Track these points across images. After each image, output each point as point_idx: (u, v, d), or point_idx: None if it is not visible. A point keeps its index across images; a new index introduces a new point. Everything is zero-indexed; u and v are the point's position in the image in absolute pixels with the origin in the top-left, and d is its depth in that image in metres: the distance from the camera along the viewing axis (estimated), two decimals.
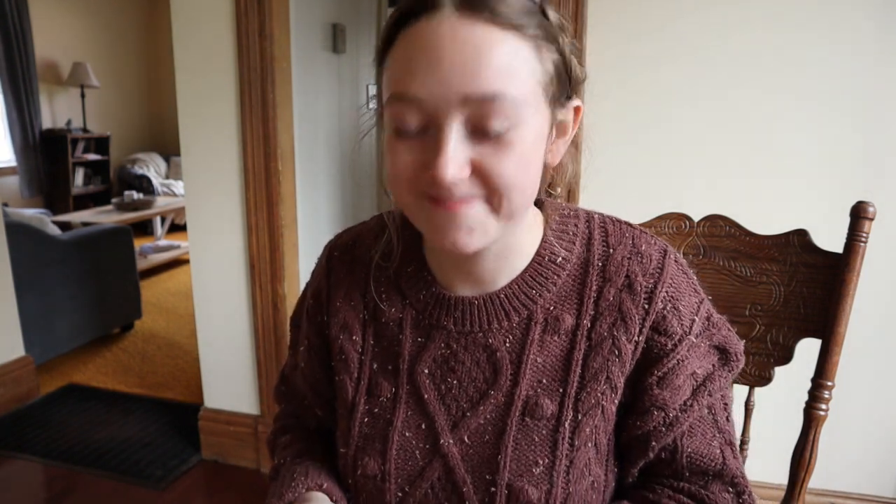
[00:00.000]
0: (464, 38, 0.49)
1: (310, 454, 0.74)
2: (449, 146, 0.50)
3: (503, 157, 0.51)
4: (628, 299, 0.61)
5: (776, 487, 1.62)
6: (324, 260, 0.73)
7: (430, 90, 0.49)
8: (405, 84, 0.51)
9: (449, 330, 0.64)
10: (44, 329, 2.68)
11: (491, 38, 0.49)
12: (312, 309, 0.72)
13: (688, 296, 0.62)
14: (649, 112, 1.52)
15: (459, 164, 0.50)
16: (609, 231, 0.65)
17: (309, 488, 0.66)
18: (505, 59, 0.49)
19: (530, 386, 0.61)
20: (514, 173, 0.52)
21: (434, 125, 0.51)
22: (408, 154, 0.53)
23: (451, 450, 0.62)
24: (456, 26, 0.49)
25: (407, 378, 0.65)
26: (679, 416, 0.60)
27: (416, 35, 0.50)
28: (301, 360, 0.74)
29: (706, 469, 0.62)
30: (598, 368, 0.60)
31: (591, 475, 0.61)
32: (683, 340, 0.60)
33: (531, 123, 0.52)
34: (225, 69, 1.77)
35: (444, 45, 0.49)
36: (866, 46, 1.39)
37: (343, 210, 2.64)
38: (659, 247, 0.64)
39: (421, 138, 0.52)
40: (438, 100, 0.50)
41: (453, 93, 0.49)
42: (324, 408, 0.75)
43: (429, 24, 0.50)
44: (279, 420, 0.83)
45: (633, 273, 0.61)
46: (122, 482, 1.95)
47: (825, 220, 1.23)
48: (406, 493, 0.63)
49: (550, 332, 0.62)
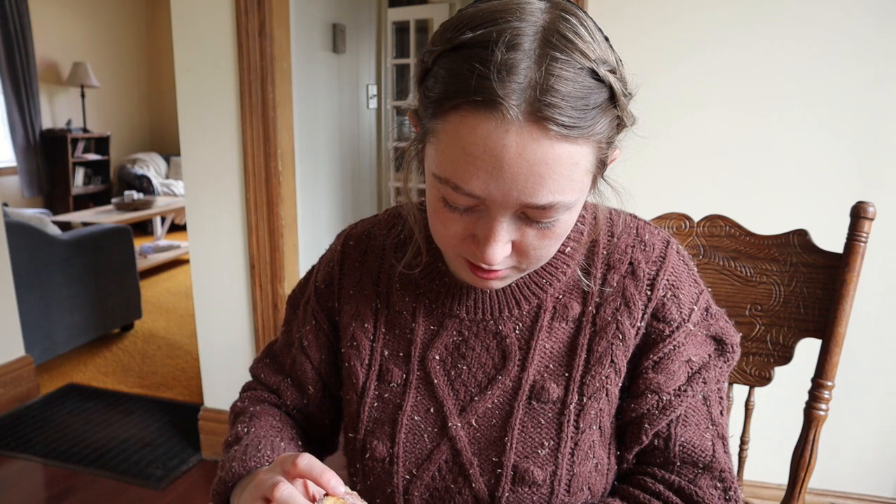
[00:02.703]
0: (531, 154, 0.46)
1: (280, 431, 0.70)
2: (498, 234, 0.51)
3: (546, 241, 0.53)
4: (631, 285, 0.63)
5: (776, 487, 1.62)
6: (338, 247, 0.74)
7: (487, 193, 0.48)
8: (462, 179, 0.49)
9: (461, 318, 0.65)
10: (44, 329, 2.68)
11: (560, 153, 0.46)
12: (324, 294, 0.73)
13: (688, 285, 0.64)
14: (649, 112, 1.52)
15: (504, 246, 0.52)
16: (614, 221, 0.66)
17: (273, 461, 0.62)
18: (566, 173, 0.48)
19: (537, 371, 0.63)
20: (549, 249, 0.54)
21: (485, 212, 0.51)
22: (456, 224, 0.53)
23: (459, 433, 0.63)
24: (523, 140, 0.45)
25: (418, 364, 0.66)
26: (673, 400, 0.62)
27: (476, 132, 0.46)
28: (305, 339, 0.73)
29: (696, 461, 0.63)
30: (603, 352, 0.62)
31: (595, 457, 0.62)
32: (681, 327, 0.62)
33: (577, 205, 0.52)
34: (225, 69, 1.77)
35: (508, 156, 0.46)
36: (867, 47, 1.39)
37: (343, 210, 2.64)
38: (662, 237, 0.66)
39: (470, 213, 0.52)
40: (495, 200, 0.49)
41: (512, 200, 0.48)
42: (316, 387, 0.74)
43: (493, 127, 0.46)
44: (253, 389, 0.79)
45: (636, 260, 0.63)
46: (121, 482, 1.95)
47: (825, 220, 1.24)
48: (414, 475, 0.64)
49: (559, 319, 0.64)
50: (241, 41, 1.73)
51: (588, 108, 0.46)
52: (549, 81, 0.45)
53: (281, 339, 0.79)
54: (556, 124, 0.45)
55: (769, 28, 1.42)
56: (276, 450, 0.64)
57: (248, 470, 0.61)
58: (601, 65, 0.47)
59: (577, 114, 0.45)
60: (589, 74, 0.46)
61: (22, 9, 4.82)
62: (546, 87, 0.45)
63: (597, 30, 0.49)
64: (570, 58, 0.45)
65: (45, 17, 5.26)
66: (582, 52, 0.46)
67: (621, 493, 0.64)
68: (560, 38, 0.46)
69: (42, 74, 5.23)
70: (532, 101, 0.45)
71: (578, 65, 0.46)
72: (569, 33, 0.46)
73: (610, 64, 0.48)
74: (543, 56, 0.45)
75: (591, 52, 0.47)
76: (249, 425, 0.69)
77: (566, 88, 0.45)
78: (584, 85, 0.46)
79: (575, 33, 0.46)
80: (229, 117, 1.80)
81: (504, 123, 0.45)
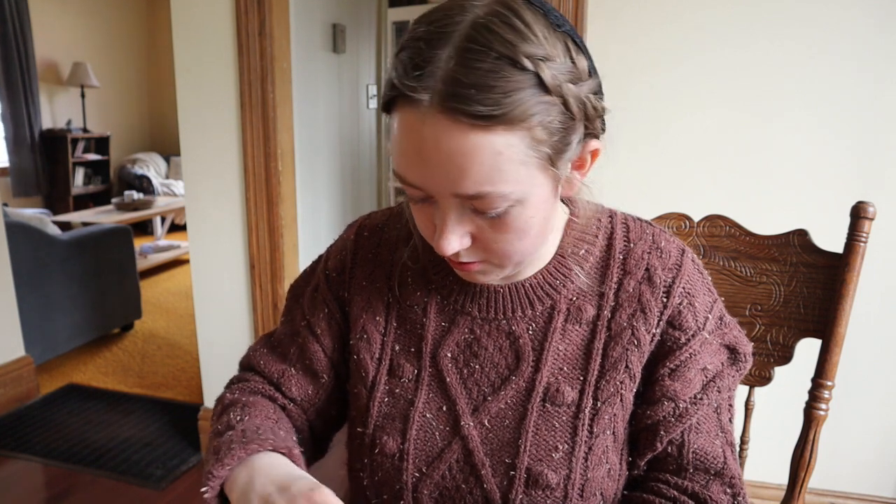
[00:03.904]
0: (446, 144, 0.47)
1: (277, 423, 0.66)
2: (447, 225, 0.53)
3: (500, 234, 0.54)
4: (647, 291, 0.63)
5: (776, 487, 1.62)
6: (352, 236, 0.73)
7: (422, 181, 0.51)
8: (402, 168, 0.52)
9: (473, 316, 0.65)
10: (44, 329, 2.67)
11: (474, 143, 0.47)
12: (335, 282, 0.71)
13: (703, 294, 0.64)
14: (649, 112, 1.52)
15: (459, 237, 0.54)
16: (630, 227, 0.66)
17: (276, 448, 0.58)
18: (489, 162, 0.48)
19: (551, 373, 0.62)
20: (513, 245, 0.55)
21: (436, 203, 0.53)
22: (423, 217, 0.57)
23: (471, 432, 0.63)
24: (438, 129, 0.47)
25: (429, 361, 0.66)
26: (689, 408, 0.62)
27: (403, 122, 0.49)
28: (317, 327, 0.71)
29: (708, 467, 0.63)
30: (618, 358, 0.62)
31: (609, 463, 0.62)
32: (697, 335, 0.62)
33: (531, 198, 0.52)
34: (225, 69, 1.77)
35: (426, 146, 0.48)
36: (867, 46, 1.39)
37: (343, 210, 2.64)
38: (677, 245, 0.66)
39: (428, 204, 0.55)
40: (430, 189, 0.52)
41: (443, 188, 0.51)
42: (329, 375, 0.72)
43: (414, 115, 0.48)
44: (244, 381, 0.73)
45: (652, 267, 0.63)
46: (121, 482, 1.95)
47: (825, 220, 1.23)
48: (423, 473, 0.63)
49: (573, 321, 0.63)
50: (241, 41, 1.73)
51: (505, 97, 0.46)
52: (460, 73, 0.46)
53: (282, 328, 0.75)
54: (465, 115, 0.46)
55: (769, 28, 1.42)
56: (277, 435, 0.60)
57: (249, 453, 0.57)
58: (523, 54, 0.46)
59: (491, 103, 0.45)
60: (508, 63, 0.46)
61: (22, 9, 4.82)
62: (456, 78, 0.46)
63: (539, 22, 0.49)
64: (487, 49, 0.46)
65: (45, 17, 5.26)
66: (503, 42, 0.46)
67: (637, 502, 0.63)
68: (483, 31, 0.47)
69: (42, 74, 5.23)
70: (443, 93, 0.46)
71: (496, 55, 0.46)
72: (494, 26, 0.47)
73: (541, 54, 0.47)
74: (462, 49, 0.46)
75: (516, 42, 0.46)
76: (243, 414, 0.64)
77: (477, 79, 0.45)
78: (501, 75, 0.46)
79: (503, 24, 0.47)
80: (229, 117, 1.80)
81: (421, 116, 0.48)
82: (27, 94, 4.98)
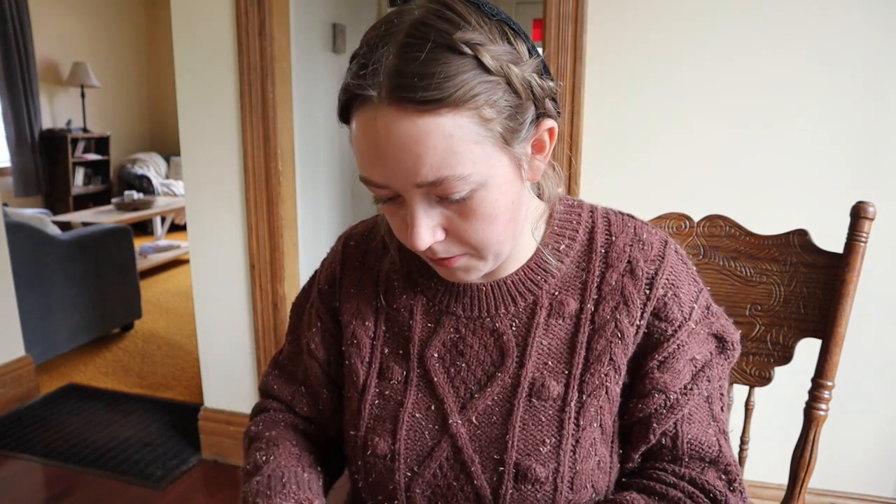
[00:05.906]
0: (398, 134, 0.49)
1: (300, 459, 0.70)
2: (417, 219, 0.54)
3: (470, 221, 0.55)
4: (630, 283, 0.63)
5: (776, 487, 1.62)
6: (339, 247, 0.75)
7: (384, 179, 0.53)
8: (364, 169, 0.54)
9: (458, 315, 0.66)
10: (44, 329, 2.68)
11: (424, 129, 0.49)
12: (327, 294, 0.73)
13: (687, 284, 0.64)
14: (649, 113, 1.52)
15: (431, 230, 0.55)
16: (611, 220, 0.67)
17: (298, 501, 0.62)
18: (442, 146, 0.49)
19: (536, 368, 0.63)
20: (484, 232, 0.56)
21: (403, 200, 0.55)
22: (395, 218, 0.58)
23: (460, 430, 0.63)
24: (389, 121, 0.49)
25: (417, 362, 0.67)
26: (680, 398, 0.62)
27: (359, 122, 0.52)
28: (311, 343, 0.74)
29: (704, 456, 0.64)
30: (602, 350, 0.62)
31: (597, 455, 0.63)
32: (683, 326, 0.62)
33: (492, 179, 0.53)
34: (225, 69, 1.77)
35: (381, 141, 0.50)
36: (866, 47, 1.39)
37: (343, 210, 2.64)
38: (660, 236, 0.66)
39: (395, 203, 0.56)
40: (394, 185, 0.53)
41: (403, 181, 0.52)
42: (330, 390, 0.74)
43: (367, 114, 0.51)
44: (265, 411, 0.78)
45: (634, 259, 0.64)
46: (121, 482, 1.95)
47: (825, 220, 1.23)
48: (415, 472, 0.64)
49: (555, 315, 0.64)
50: (241, 41, 1.73)
51: (447, 80, 0.48)
52: (402, 65, 0.48)
53: (287, 348, 0.79)
54: (412, 101, 0.48)
55: (770, 29, 1.42)
56: (301, 483, 0.64)
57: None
58: (460, 40, 0.49)
59: (433, 88, 0.48)
60: (446, 50, 0.49)
61: (22, 9, 4.82)
62: (399, 70, 0.48)
63: (473, 12, 0.51)
64: (423, 40, 0.49)
65: (45, 17, 5.26)
66: (438, 32, 0.49)
67: (637, 487, 0.64)
68: (420, 26, 0.50)
69: (42, 74, 5.23)
70: (388, 86, 0.49)
71: (433, 44, 0.48)
72: (429, 20, 0.50)
73: (478, 38, 0.50)
74: (403, 45, 0.49)
75: (451, 31, 0.49)
76: (268, 453, 0.68)
77: (417, 68, 0.48)
78: (440, 61, 0.48)
79: (437, 17, 0.50)
80: (229, 117, 1.80)
81: (373, 112, 0.50)
82: (27, 94, 4.98)
